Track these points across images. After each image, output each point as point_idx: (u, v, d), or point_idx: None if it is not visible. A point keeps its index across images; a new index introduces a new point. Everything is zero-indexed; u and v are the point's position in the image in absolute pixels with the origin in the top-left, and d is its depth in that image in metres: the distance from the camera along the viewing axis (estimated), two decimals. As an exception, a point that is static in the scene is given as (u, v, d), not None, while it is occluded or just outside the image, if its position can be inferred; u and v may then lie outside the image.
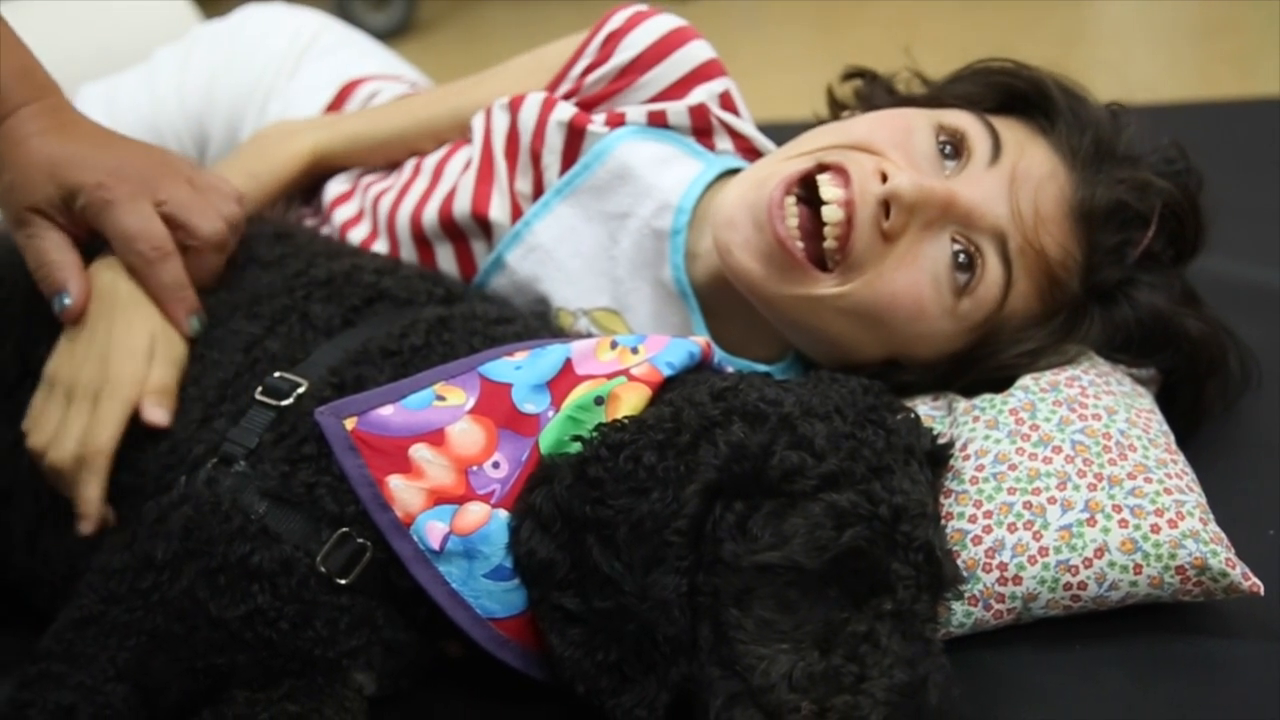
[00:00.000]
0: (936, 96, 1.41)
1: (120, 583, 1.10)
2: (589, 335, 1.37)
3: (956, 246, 1.26)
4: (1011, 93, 1.37)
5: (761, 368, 1.36)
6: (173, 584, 1.08)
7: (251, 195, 1.46)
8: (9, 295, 1.37)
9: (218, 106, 1.78)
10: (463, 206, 1.44)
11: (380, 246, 1.51)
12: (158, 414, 1.19)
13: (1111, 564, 1.12)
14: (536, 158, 1.43)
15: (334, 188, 1.59)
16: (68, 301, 1.24)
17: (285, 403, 1.14)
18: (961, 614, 1.14)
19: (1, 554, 1.33)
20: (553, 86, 1.50)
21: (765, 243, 1.27)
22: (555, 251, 1.42)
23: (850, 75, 1.53)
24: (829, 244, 1.26)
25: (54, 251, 1.26)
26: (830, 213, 1.25)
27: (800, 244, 1.26)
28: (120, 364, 1.20)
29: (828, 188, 1.26)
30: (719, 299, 1.37)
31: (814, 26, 3.27)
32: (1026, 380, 1.26)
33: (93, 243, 1.29)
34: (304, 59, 1.80)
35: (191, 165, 1.34)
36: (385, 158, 1.59)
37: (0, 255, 1.37)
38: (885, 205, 1.23)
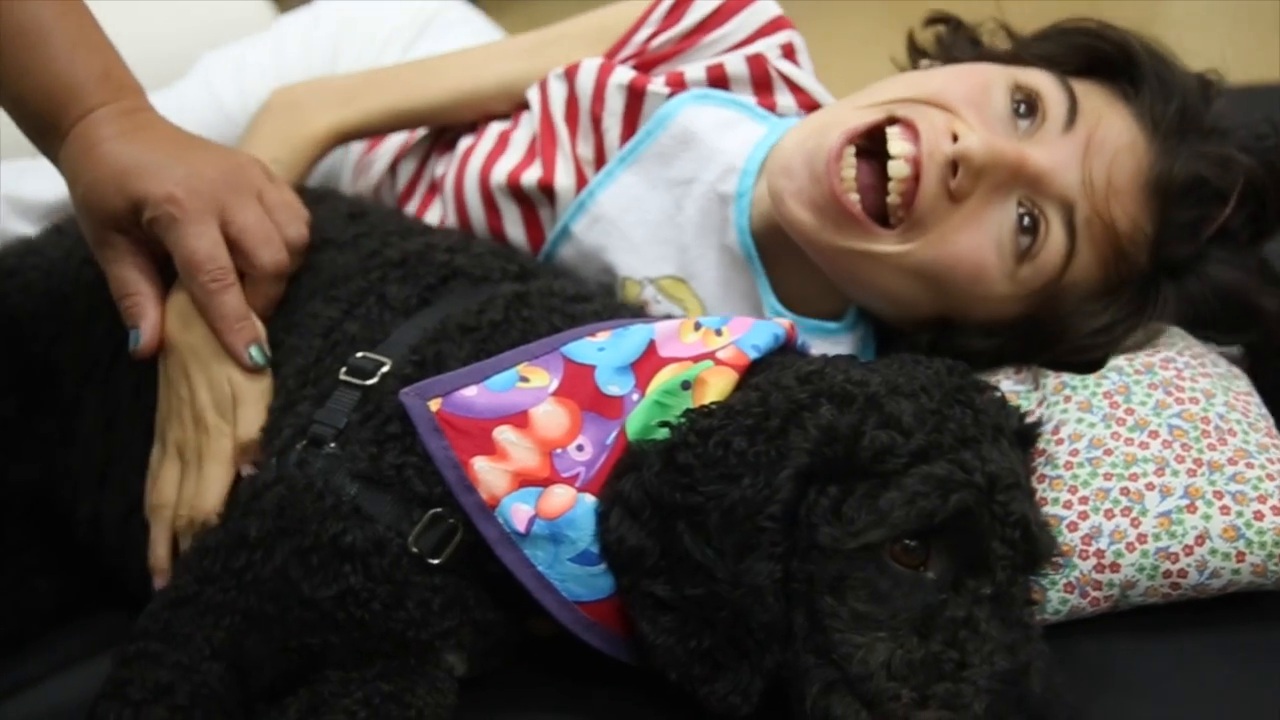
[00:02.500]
0: (1017, 54, 1.37)
1: (214, 561, 1.10)
2: (656, 304, 1.38)
3: (1021, 210, 1.23)
4: (1096, 55, 1.33)
5: (830, 325, 1.35)
6: (265, 563, 1.09)
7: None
8: (97, 275, 1.37)
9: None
10: (530, 178, 1.44)
11: (443, 207, 1.51)
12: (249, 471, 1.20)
13: (1213, 551, 1.10)
14: (597, 121, 1.42)
15: (402, 178, 1.58)
16: (139, 342, 1.23)
17: (370, 382, 1.14)
18: (1057, 601, 1.12)
19: (95, 539, 1.35)
20: (614, 53, 1.48)
21: (821, 194, 1.25)
22: (620, 221, 1.41)
23: (933, 21, 1.49)
24: (892, 199, 1.24)
25: (131, 282, 1.23)
26: (896, 168, 1.23)
27: (856, 197, 1.24)
28: (214, 422, 1.20)
29: (897, 142, 1.23)
30: (779, 249, 1.35)
31: (884, 7, 3.25)
32: (1120, 362, 1.23)
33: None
34: (423, 35, 1.81)
35: (265, 177, 1.29)
36: (426, 126, 1.56)
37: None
38: (953, 165, 1.21)
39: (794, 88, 1.43)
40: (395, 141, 1.62)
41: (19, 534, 1.42)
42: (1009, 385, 1.27)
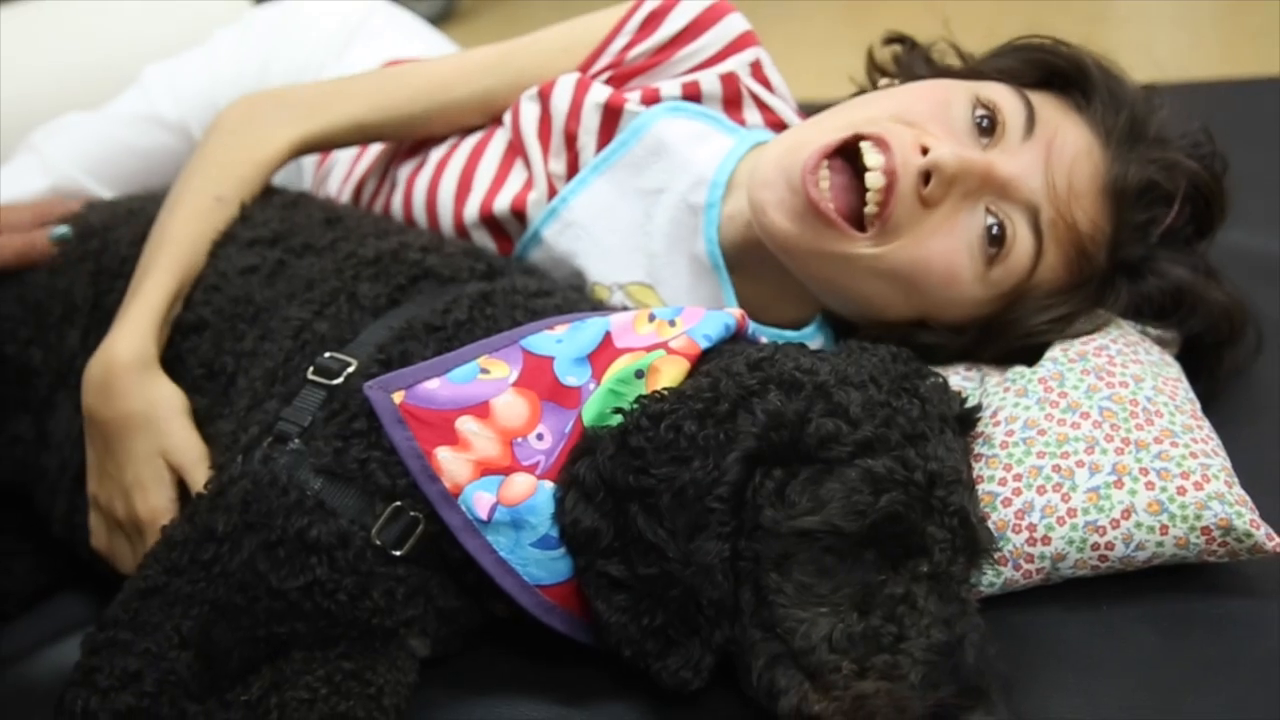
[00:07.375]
0: (976, 69, 1.43)
1: (182, 554, 1.13)
2: (625, 308, 1.39)
3: (990, 220, 1.28)
4: (1050, 69, 1.39)
5: (791, 334, 1.39)
6: (233, 556, 1.11)
7: (223, 218, 1.40)
8: (70, 283, 1.42)
9: (271, 86, 1.79)
10: (503, 204, 1.47)
11: (407, 208, 1.53)
12: None
13: (1138, 525, 1.14)
14: (572, 139, 1.45)
15: (369, 188, 1.60)
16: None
17: (336, 381, 1.17)
18: (991, 574, 1.17)
19: (70, 534, 1.38)
20: (588, 64, 1.51)
21: (799, 203, 1.29)
22: (591, 227, 1.44)
23: (890, 41, 1.54)
24: (870, 209, 1.28)
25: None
26: (873, 179, 1.27)
27: (832, 204, 1.29)
28: (141, 499, 1.25)
29: (871, 155, 1.28)
30: (750, 260, 1.39)
31: (845, 5, 3.28)
32: (1055, 351, 1.29)
33: None
34: (353, 40, 1.83)
35: None
36: (392, 139, 1.56)
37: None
38: (925, 175, 1.26)
39: (762, 106, 1.48)
40: (349, 152, 1.64)
41: (-5, 521, 1.45)
42: (957, 380, 1.32)
